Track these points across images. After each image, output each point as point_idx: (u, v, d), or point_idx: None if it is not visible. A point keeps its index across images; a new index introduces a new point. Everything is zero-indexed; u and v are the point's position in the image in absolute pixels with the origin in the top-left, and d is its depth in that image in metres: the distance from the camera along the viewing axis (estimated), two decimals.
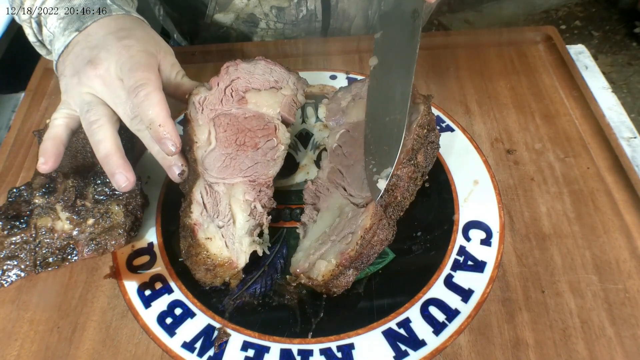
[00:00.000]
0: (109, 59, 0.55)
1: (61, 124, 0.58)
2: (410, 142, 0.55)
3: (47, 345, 0.52)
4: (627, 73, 2.40)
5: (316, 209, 0.58)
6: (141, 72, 0.54)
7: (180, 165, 0.56)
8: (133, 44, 0.56)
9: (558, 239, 0.59)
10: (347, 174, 0.58)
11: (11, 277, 0.54)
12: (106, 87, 0.56)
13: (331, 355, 0.50)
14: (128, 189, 0.54)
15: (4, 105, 0.84)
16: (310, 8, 0.86)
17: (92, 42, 0.57)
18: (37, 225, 0.54)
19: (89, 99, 0.56)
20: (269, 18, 0.86)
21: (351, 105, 0.64)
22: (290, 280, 0.54)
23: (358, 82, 0.67)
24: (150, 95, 0.53)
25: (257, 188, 0.58)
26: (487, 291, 0.54)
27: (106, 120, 0.55)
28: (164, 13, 1.00)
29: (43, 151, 0.56)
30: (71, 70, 0.57)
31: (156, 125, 0.52)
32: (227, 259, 0.53)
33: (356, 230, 0.52)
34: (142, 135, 0.56)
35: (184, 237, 0.54)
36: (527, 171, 0.66)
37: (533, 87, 0.76)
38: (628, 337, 0.51)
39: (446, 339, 0.51)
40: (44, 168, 0.56)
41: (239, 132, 0.60)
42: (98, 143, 0.54)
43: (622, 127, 0.76)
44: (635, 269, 0.56)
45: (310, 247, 0.54)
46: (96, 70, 0.55)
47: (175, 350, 0.51)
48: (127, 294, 0.55)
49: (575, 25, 2.69)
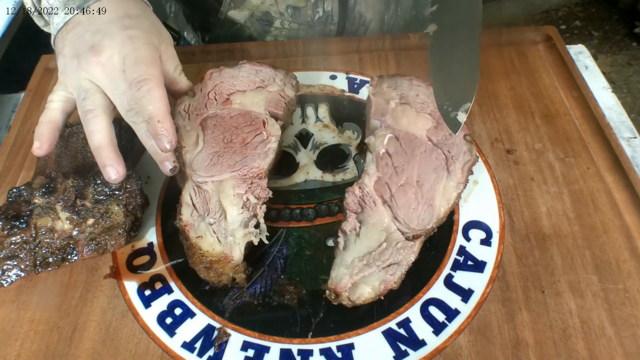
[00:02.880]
0: (113, 47, 0.55)
1: (57, 108, 0.57)
2: (461, 187, 0.56)
3: (47, 345, 0.52)
4: (627, 73, 2.40)
5: (359, 220, 0.54)
6: (145, 67, 0.54)
7: (172, 161, 0.57)
8: (138, 35, 0.56)
9: (558, 239, 0.59)
10: (396, 195, 0.55)
11: (11, 277, 0.54)
12: (106, 76, 0.55)
13: (331, 355, 0.50)
14: (118, 181, 0.55)
15: (4, 105, 0.84)
16: (327, 9, 0.85)
17: (96, 26, 0.56)
18: (37, 225, 0.54)
19: (86, 85, 0.56)
20: (284, 17, 0.86)
21: (399, 110, 0.61)
22: (329, 296, 0.52)
23: (404, 78, 0.65)
24: (152, 91, 0.52)
25: (249, 181, 0.58)
26: (487, 291, 0.54)
27: (102, 111, 0.55)
28: (175, 9, 1.00)
29: (38, 135, 0.55)
30: (71, 51, 0.57)
31: (155, 121, 0.52)
32: (221, 254, 0.53)
33: (402, 263, 0.52)
34: (137, 127, 0.56)
35: (182, 241, 0.55)
36: (527, 171, 0.66)
37: (533, 87, 0.76)
38: (628, 337, 0.51)
39: (446, 339, 0.51)
40: (39, 152, 0.55)
41: (225, 130, 0.61)
42: (92, 133, 0.54)
43: (622, 127, 0.76)
44: (635, 269, 0.56)
45: (354, 265, 0.52)
46: (98, 57, 0.55)
47: (175, 350, 0.51)
48: (127, 294, 0.55)
49: (575, 25, 2.69)
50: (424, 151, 0.58)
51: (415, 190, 0.55)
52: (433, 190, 0.56)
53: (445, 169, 0.57)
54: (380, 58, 0.81)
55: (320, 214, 0.62)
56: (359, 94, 0.76)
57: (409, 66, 0.79)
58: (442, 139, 0.59)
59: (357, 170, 0.67)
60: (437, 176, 0.56)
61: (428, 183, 0.56)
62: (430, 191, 0.56)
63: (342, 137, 0.71)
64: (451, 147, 0.58)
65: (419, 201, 0.55)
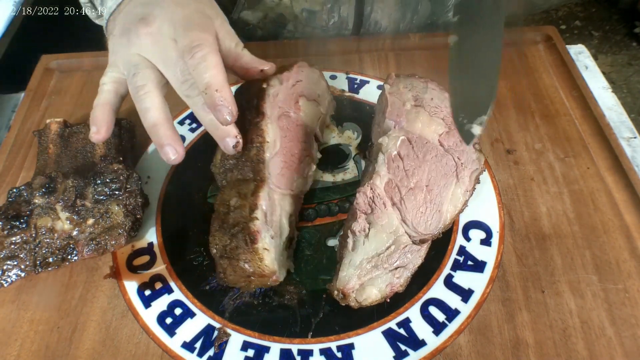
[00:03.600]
0: (162, 16, 0.52)
1: (110, 90, 0.54)
2: (468, 195, 0.56)
3: (47, 345, 0.52)
4: (627, 73, 2.40)
5: (369, 221, 0.54)
6: (197, 32, 0.50)
7: (234, 136, 0.51)
8: (189, 3, 0.53)
9: (558, 239, 0.59)
10: (406, 198, 0.55)
11: (11, 277, 0.54)
12: (156, 46, 0.52)
13: (331, 355, 0.50)
14: (177, 162, 0.51)
15: (4, 105, 0.84)
16: (342, 15, 0.83)
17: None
18: (37, 225, 0.54)
19: (136, 60, 0.52)
20: (298, 20, 0.84)
21: (414, 112, 0.61)
22: (336, 297, 0.52)
23: (420, 80, 0.64)
24: (207, 57, 0.48)
25: (297, 202, 0.58)
26: (487, 291, 0.54)
27: (153, 86, 0.51)
28: None
29: (94, 119, 0.52)
30: (121, 28, 0.54)
31: (212, 90, 0.47)
32: (273, 272, 0.50)
33: (408, 266, 0.53)
34: (192, 102, 0.51)
35: (231, 236, 0.50)
36: (527, 171, 0.66)
37: (533, 87, 0.76)
38: (628, 337, 0.51)
39: (446, 339, 0.51)
40: (97, 137, 0.52)
41: (292, 139, 0.58)
42: (145, 111, 0.51)
43: (622, 127, 0.76)
44: (635, 269, 0.56)
45: (362, 266, 0.52)
46: (147, 27, 0.51)
47: (175, 350, 0.51)
48: (127, 294, 0.55)
49: (575, 25, 2.69)
50: (435, 156, 0.58)
51: (424, 194, 0.56)
52: (442, 195, 0.56)
53: (455, 176, 0.57)
54: (380, 58, 0.81)
55: (320, 214, 0.62)
56: (359, 94, 0.76)
57: (409, 66, 0.79)
58: (453, 145, 0.59)
59: (357, 170, 0.67)
60: (446, 182, 0.56)
61: (437, 188, 0.56)
62: (438, 196, 0.56)
63: (342, 137, 0.71)
64: (461, 154, 0.58)
65: (427, 206, 0.55)
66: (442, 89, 0.64)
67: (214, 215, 0.53)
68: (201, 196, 0.64)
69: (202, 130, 0.71)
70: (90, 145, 0.63)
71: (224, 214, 0.52)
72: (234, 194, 0.52)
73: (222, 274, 0.51)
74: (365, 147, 0.69)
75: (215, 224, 0.52)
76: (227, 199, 0.53)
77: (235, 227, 0.50)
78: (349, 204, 0.62)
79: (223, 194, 0.54)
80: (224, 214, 0.52)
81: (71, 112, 0.75)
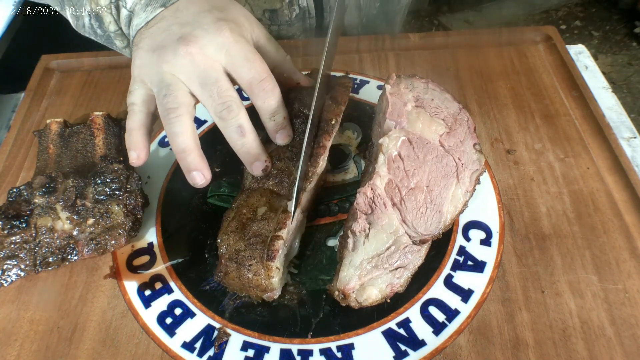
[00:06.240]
0: (206, 37, 0.51)
1: (142, 110, 0.54)
2: (468, 195, 0.56)
3: (47, 345, 0.52)
4: (627, 73, 2.40)
5: (369, 221, 0.54)
6: (260, 64, 0.52)
7: (263, 160, 0.53)
8: (233, 28, 0.52)
9: (558, 239, 0.59)
10: (406, 198, 0.55)
11: (11, 276, 0.54)
12: (194, 67, 0.51)
13: (331, 355, 0.50)
14: (203, 186, 0.52)
15: (4, 105, 0.84)
16: (302, 5, 0.84)
17: (183, 19, 0.53)
18: (37, 225, 0.54)
19: (169, 80, 0.52)
20: (262, 22, 0.85)
21: (415, 113, 0.61)
22: (337, 297, 0.52)
23: (420, 80, 0.64)
24: (274, 90, 0.53)
25: (304, 218, 0.58)
26: (487, 291, 0.54)
27: (185, 110, 0.51)
28: None
29: (132, 144, 0.53)
30: (151, 44, 0.53)
31: (281, 117, 0.54)
32: (274, 290, 0.51)
33: (409, 267, 0.53)
34: (225, 124, 0.52)
35: (249, 244, 0.50)
36: (527, 171, 0.66)
37: (533, 87, 0.76)
38: (628, 337, 0.51)
39: (446, 339, 0.51)
40: (138, 163, 0.54)
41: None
42: (175, 135, 0.51)
43: (622, 127, 0.75)
44: (635, 269, 0.56)
45: (363, 266, 0.52)
46: (188, 47, 0.51)
47: (175, 350, 0.51)
48: (127, 294, 0.55)
49: (575, 25, 2.69)
50: (435, 157, 0.58)
51: (424, 195, 0.56)
52: (442, 196, 0.56)
53: (455, 176, 0.57)
54: (380, 58, 0.81)
55: (320, 214, 0.62)
56: (359, 94, 0.76)
57: (409, 66, 0.79)
58: (454, 145, 0.59)
59: (357, 170, 0.67)
60: (446, 183, 0.56)
61: (437, 189, 0.56)
62: (439, 197, 0.56)
63: (342, 137, 0.71)
64: (462, 154, 0.58)
65: (427, 206, 0.55)
66: (443, 89, 0.64)
67: (232, 214, 0.52)
68: (201, 196, 0.64)
69: (202, 131, 0.71)
70: (90, 145, 0.63)
71: (247, 219, 0.51)
72: (264, 203, 0.52)
73: (223, 275, 0.51)
74: (365, 147, 0.69)
75: (232, 223, 0.52)
76: (254, 204, 0.53)
77: (256, 238, 0.50)
78: (349, 204, 0.62)
79: (250, 197, 0.53)
80: (248, 219, 0.52)
81: (71, 112, 0.75)
